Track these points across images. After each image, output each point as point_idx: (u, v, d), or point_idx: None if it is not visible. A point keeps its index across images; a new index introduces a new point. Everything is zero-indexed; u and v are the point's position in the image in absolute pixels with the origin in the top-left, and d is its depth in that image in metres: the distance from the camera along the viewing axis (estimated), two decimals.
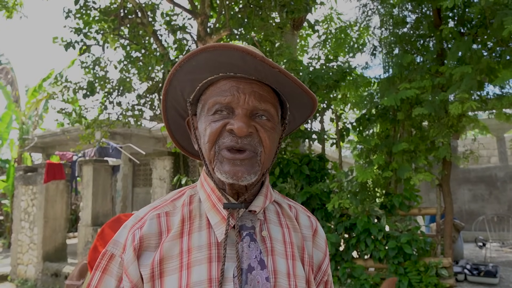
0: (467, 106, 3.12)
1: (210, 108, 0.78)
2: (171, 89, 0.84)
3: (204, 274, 0.74)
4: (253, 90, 0.77)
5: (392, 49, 4.50)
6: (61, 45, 5.13)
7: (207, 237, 0.78)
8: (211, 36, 4.14)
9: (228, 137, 0.76)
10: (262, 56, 0.73)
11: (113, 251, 0.78)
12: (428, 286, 3.78)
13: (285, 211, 0.89)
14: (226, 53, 0.74)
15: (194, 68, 0.79)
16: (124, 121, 5.78)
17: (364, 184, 4.17)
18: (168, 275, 0.75)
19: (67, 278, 7.78)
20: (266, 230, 0.82)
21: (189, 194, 0.85)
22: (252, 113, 0.77)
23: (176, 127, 0.92)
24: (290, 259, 0.82)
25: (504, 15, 2.95)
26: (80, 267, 2.62)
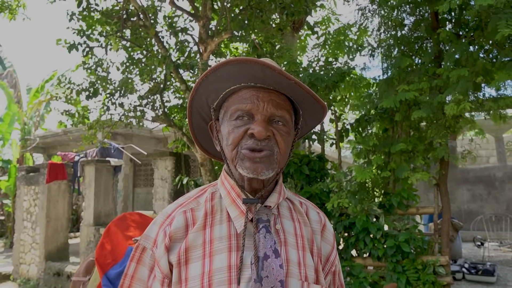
0: (462, 107, 3.20)
1: (233, 114, 0.89)
2: (196, 97, 0.97)
3: (225, 261, 0.85)
4: (271, 99, 0.88)
5: (390, 51, 4.58)
6: (64, 47, 5.21)
7: (227, 229, 0.89)
8: (213, 38, 4.23)
9: (249, 140, 0.87)
10: (280, 69, 0.84)
11: (145, 244, 0.91)
12: (425, 284, 3.85)
13: (297, 207, 1.00)
14: (248, 66, 0.85)
15: (218, 78, 0.90)
16: (126, 122, 5.85)
17: (363, 184, 4.25)
18: (193, 262, 0.86)
19: (69, 277, 7.87)
20: (279, 224, 0.93)
21: (210, 191, 0.96)
22: (269, 118, 0.88)
23: (199, 131, 1.04)
24: (300, 250, 0.92)
25: (498, 18, 3.02)
26: (86, 264, 2.69)
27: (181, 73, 4.96)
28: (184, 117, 5.66)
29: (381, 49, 4.81)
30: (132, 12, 5.10)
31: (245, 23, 5.07)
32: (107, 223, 7.78)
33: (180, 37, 5.17)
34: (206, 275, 0.83)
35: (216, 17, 4.93)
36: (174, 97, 6.37)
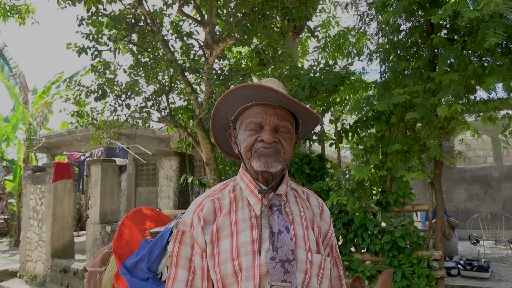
0: (453, 109, 3.40)
1: (247, 125, 1.17)
2: (218, 112, 1.25)
3: (248, 237, 1.11)
4: (276, 113, 1.16)
5: (387, 56, 4.78)
6: (74, 51, 5.42)
7: (248, 213, 1.16)
8: (218, 43, 4.44)
9: (260, 145, 1.14)
10: (282, 92, 1.11)
11: (184, 228, 1.17)
12: (420, 277, 4.06)
13: (300, 195, 1.27)
14: (258, 89, 1.13)
15: (235, 98, 1.18)
16: (132, 123, 6.06)
17: (361, 182, 4.45)
18: (223, 239, 1.12)
19: (75, 274, 8.07)
20: (288, 208, 1.20)
21: (232, 185, 1.23)
22: (275, 128, 1.15)
23: (220, 137, 1.33)
24: (305, 227, 1.19)
25: (487, 27, 3.23)
26: (102, 255, 2.90)
27: (186, 76, 5.17)
28: (189, 118, 5.87)
29: (378, 54, 5.01)
30: (138, 18, 5.31)
31: (248, 28, 5.28)
32: (113, 221, 8.01)
33: (186, 41, 5.36)
34: (234, 248, 1.09)
35: (221, 23, 5.14)
36: (179, 99, 6.58)
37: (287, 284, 1.06)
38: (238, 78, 4.63)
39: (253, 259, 1.09)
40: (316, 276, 1.15)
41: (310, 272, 1.13)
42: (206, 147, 4.94)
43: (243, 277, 1.07)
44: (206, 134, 4.92)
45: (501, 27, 3.22)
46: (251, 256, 1.09)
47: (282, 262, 1.08)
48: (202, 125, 4.89)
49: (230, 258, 1.09)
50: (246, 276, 1.07)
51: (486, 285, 6.01)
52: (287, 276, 1.07)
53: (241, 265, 1.08)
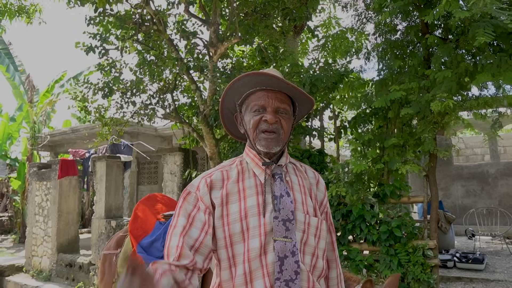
0: (445, 104, 3.60)
1: (252, 107, 1.37)
2: (226, 98, 1.46)
3: (254, 201, 1.31)
4: (277, 97, 1.36)
5: (384, 54, 4.98)
6: (82, 50, 5.62)
7: (254, 181, 1.36)
8: (223, 43, 4.64)
9: (264, 124, 1.34)
10: (281, 78, 1.32)
11: (190, 189, 1.35)
12: (415, 265, 4.26)
13: (298, 168, 1.47)
14: (261, 77, 1.33)
15: (241, 85, 1.39)
16: (138, 119, 6.25)
17: (359, 175, 4.65)
18: (232, 203, 1.31)
19: (81, 268, 8.26)
20: (288, 177, 1.40)
21: (239, 160, 1.44)
22: (276, 110, 1.36)
23: (227, 120, 1.54)
24: (303, 194, 1.39)
25: (477, 26, 3.42)
26: (117, 238, 3.09)
27: (191, 74, 5.36)
28: (193, 114, 6.06)
29: (376, 52, 5.21)
30: (143, 18, 5.51)
31: (251, 27, 5.47)
32: (118, 216, 8.19)
33: (190, 40, 5.55)
34: (243, 210, 1.29)
35: (224, 23, 5.34)
36: (182, 97, 6.77)
37: (288, 239, 1.25)
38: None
39: (259, 219, 1.27)
40: (313, 236, 1.34)
41: (308, 231, 1.33)
42: (210, 142, 5.14)
43: (250, 235, 1.26)
44: (210, 130, 5.12)
45: (490, 27, 3.41)
46: (257, 217, 1.28)
47: (283, 221, 1.27)
48: (206, 121, 5.08)
49: (239, 219, 1.27)
50: (253, 233, 1.26)
51: (481, 276, 6.21)
52: (288, 233, 1.26)
53: (248, 225, 1.27)
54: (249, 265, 1.24)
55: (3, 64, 12.36)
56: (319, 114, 5.43)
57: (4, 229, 15.58)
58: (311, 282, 1.29)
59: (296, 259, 1.25)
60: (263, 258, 1.25)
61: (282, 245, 1.25)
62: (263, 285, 1.23)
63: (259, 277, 1.24)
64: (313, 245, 1.34)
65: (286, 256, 1.24)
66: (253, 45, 5.91)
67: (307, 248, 1.32)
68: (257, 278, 1.24)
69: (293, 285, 1.23)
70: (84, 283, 7.95)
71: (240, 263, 1.25)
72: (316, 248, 1.35)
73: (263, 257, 1.25)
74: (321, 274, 1.37)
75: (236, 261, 1.26)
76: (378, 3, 4.25)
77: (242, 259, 1.25)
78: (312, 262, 1.33)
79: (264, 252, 1.25)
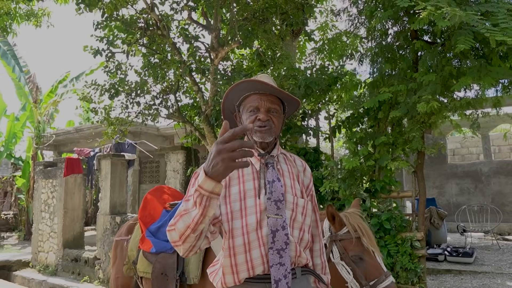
0: (430, 105, 3.89)
1: (248, 108, 1.69)
2: (226, 100, 1.78)
3: (251, 184, 1.61)
4: (268, 99, 1.68)
5: (376, 58, 5.27)
6: (90, 53, 5.92)
7: (251, 169, 1.66)
8: (223, 47, 4.94)
9: (258, 122, 1.65)
10: (271, 84, 1.64)
11: (199, 171, 1.63)
12: (403, 255, 4.56)
13: (288, 158, 1.78)
14: (254, 83, 1.66)
15: (239, 89, 1.71)
16: (142, 119, 6.55)
17: (352, 172, 4.94)
18: (233, 186, 1.62)
19: (86, 262, 8.55)
20: (279, 166, 1.70)
21: None
22: (268, 110, 1.67)
23: (228, 118, 1.85)
24: (291, 180, 1.69)
25: (459, 34, 3.72)
26: (128, 225, 3.40)
27: (193, 76, 5.66)
28: (195, 114, 6.37)
29: (368, 56, 5.51)
30: (148, 23, 5.81)
31: (250, 32, 5.78)
32: (122, 212, 8.49)
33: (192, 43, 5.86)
34: (242, 192, 1.60)
35: (225, 27, 5.64)
36: (185, 97, 7.07)
37: (279, 216, 1.55)
38: (240, 77, 5.12)
39: (255, 200, 1.57)
40: (301, 214, 1.65)
41: (296, 210, 1.63)
42: (211, 141, 5.44)
43: (247, 212, 1.56)
44: (211, 129, 5.42)
45: (471, 34, 3.71)
46: (253, 198, 1.58)
47: (275, 201, 1.57)
48: (208, 121, 5.38)
49: (239, 199, 1.58)
50: (250, 211, 1.57)
51: (469, 268, 6.52)
52: (279, 211, 1.56)
53: (246, 204, 1.57)
54: (247, 237, 1.55)
55: (9, 65, 12.67)
56: (315, 115, 5.73)
57: (9, 226, 15.87)
58: (298, 251, 1.60)
59: (286, 232, 1.55)
60: (259, 231, 1.56)
61: (274, 221, 1.54)
62: (259, 253, 1.54)
63: (256, 247, 1.55)
64: (300, 221, 1.64)
65: (277, 230, 1.54)
66: (253, 48, 6.21)
67: (295, 223, 1.62)
68: (254, 247, 1.55)
69: (284, 253, 1.53)
70: (89, 276, 8.25)
71: (239, 235, 1.55)
72: (303, 224, 1.65)
73: (259, 230, 1.56)
74: (307, 245, 1.67)
75: (235, 233, 1.56)
76: (370, 10, 4.54)
77: (241, 232, 1.55)
78: (300, 235, 1.63)
79: (260, 226, 1.56)
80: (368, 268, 2.11)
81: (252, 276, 1.54)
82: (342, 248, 2.18)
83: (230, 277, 1.55)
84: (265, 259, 1.53)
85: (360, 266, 2.12)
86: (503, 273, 6.23)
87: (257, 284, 1.54)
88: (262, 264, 1.53)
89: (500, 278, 6.07)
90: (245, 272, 1.54)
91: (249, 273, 1.54)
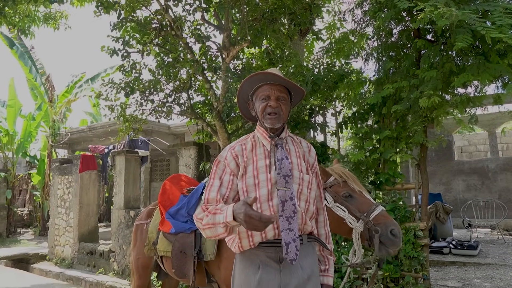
0: (432, 100, 4.10)
1: (260, 97, 1.95)
2: (241, 90, 2.04)
3: (263, 163, 1.87)
4: (278, 89, 1.94)
5: (381, 56, 5.49)
6: (107, 53, 6.21)
7: (263, 149, 1.92)
8: (234, 46, 5.20)
9: (269, 108, 1.91)
10: (281, 76, 1.89)
11: (220, 159, 1.94)
12: (407, 244, 4.77)
13: (295, 140, 2.03)
14: (266, 75, 1.91)
15: (252, 80, 1.97)
16: (156, 116, 6.82)
17: (357, 165, 5.17)
18: (248, 165, 1.88)
19: (101, 255, 8.85)
20: (287, 146, 1.95)
21: (252, 135, 2.01)
22: (277, 98, 1.93)
23: (241, 106, 2.11)
24: (298, 158, 1.94)
25: (458, 32, 3.92)
26: (147, 210, 3.67)
27: (205, 74, 5.93)
28: (207, 111, 6.63)
29: (374, 54, 5.72)
30: (162, 23, 6.08)
31: (259, 31, 6.03)
32: (136, 207, 8.79)
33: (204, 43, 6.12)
34: (255, 169, 1.86)
35: (236, 28, 5.90)
36: (196, 95, 7.34)
37: (287, 189, 1.81)
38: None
39: (266, 175, 1.84)
40: (306, 188, 1.90)
41: (302, 184, 1.89)
42: (223, 136, 5.69)
43: (260, 186, 1.83)
44: (223, 124, 5.67)
45: (469, 32, 3.91)
46: (265, 174, 1.85)
47: (284, 176, 1.82)
48: (219, 117, 5.64)
49: (252, 175, 1.85)
50: (262, 185, 1.83)
51: (473, 260, 6.69)
52: (287, 184, 1.82)
53: (259, 179, 1.84)
54: (260, 206, 1.81)
55: (26, 65, 13.09)
56: (322, 111, 5.96)
57: (24, 223, 16.32)
58: (304, 220, 1.84)
59: (293, 203, 1.80)
60: (270, 201, 1.82)
61: (283, 193, 1.80)
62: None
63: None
64: (306, 194, 1.89)
65: (286, 200, 1.79)
66: (262, 47, 6.46)
67: (302, 196, 1.88)
68: None
69: (292, 221, 1.78)
70: (104, 268, 8.56)
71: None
72: (308, 196, 1.91)
73: (270, 201, 1.82)
74: (312, 216, 1.92)
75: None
76: (373, 11, 4.76)
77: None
78: (305, 206, 1.88)
79: (271, 197, 1.82)
80: (359, 203, 2.41)
81: (265, 241, 1.79)
82: (333, 192, 2.47)
83: (245, 241, 1.81)
84: (275, 225, 1.78)
85: (352, 202, 2.42)
86: (507, 264, 6.40)
87: (269, 248, 1.79)
88: (273, 229, 1.79)
89: (504, 269, 6.24)
90: (259, 236, 1.79)
91: (262, 237, 1.79)
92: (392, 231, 2.25)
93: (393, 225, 2.27)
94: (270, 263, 1.79)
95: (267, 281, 1.76)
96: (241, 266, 1.86)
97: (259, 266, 1.79)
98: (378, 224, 2.28)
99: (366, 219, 2.32)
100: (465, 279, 5.83)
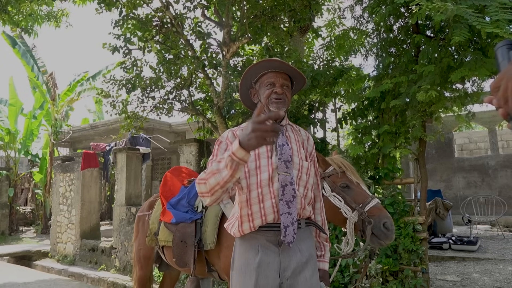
0: (429, 94, 4.15)
1: (265, 84, 1.99)
2: (245, 77, 2.07)
3: (264, 148, 1.91)
4: (282, 76, 1.99)
5: (381, 52, 5.53)
6: (108, 50, 6.27)
7: None
8: (235, 42, 5.25)
9: (274, 95, 1.94)
10: (286, 63, 1.95)
11: (221, 139, 1.98)
12: (406, 237, 4.81)
13: (294, 128, 2.08)
14: (271, 62, 1.96)
15: (257, 68, 2.01)
16: (157, 113, 6.88)
17: (357, 160, 5.22)
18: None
19: (103, 252, 8.91)
20: (288, 133, 2.00)
21: None
22: (282, 85, 1.98)
23: (243, 94, 2.16)
24: (297, 145, 1.99)
25: (455, 27, 3.96)
26: (149, 202, 3.73)
27: (206, 71, 5.98)
28: (207, 108, 6.68)
29: (374, 50, 5.77)
30: (162, 20, 6.13)
31: (259, 28, 6.08)
32: (137, 203, 8.85)
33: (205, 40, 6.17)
34: (256, 154, 1.90)
35: (236, 24, 5.95)
36: (197, 92, 7.39)
37: (287, 174, 1.86)
38: None
39: (268, 160, 1.89)
40: (305, 174, 1.95)
41: (301, 170, 1.93)
42: (223, 131, 5.74)
43: (261, 170, 1.88)
44: (223, 120, 5.72)
45: (466, 27, 3.95)
46: (266, 159, 1.89)
47: (284, 162, 1.88)
48: (220, 113, 5.69)
49: (254, 160, 1.89)
50: (264, 169, 1.88)
51: (473, 255, 6.74)
52: (287, 170, 1.87)
53: (260, 164, 1.89)
54: (261, 190, 1.86)
55: (29, 64, 13.16)
56: (322, 107, 6.00)
57: (26, 221, 16.40)
58: (303, 204, 1.90)
59: (293, 187, 1.86)
60: (270, 186, 1.86)
61: (283, 177, 1.85)
62: (271, 203, 1.85)
63: (268, 199, 1.86)
64: (305, 180, 1.94)
65: (286, 184, 1.85)
66: (262, 44, 6.51)
67: (301, 182, 1.93)
68: (267, 199, 1.86)
69: (291, 205, 1.83)
70: (106, 265, 8.62)
71: (254, 189, 1.86)
72: (307, 182, 1.96)
73: (271, 185, 1.86)
74: (310, 201, 1.98)
75: (251, 188, 1.87)
76: (372, 7, 4.81)
77: (256, 186, 1.87)
78: (304, 192, 1.93)
79: (272, 182, 1.87)
80: (356, 194, 2.45)
81: (265, 224, 1.84)
82: (331, 182, 2.52)
83: (246, 224, 1.86)
84: (275, 208, 1.84)
85: (349, 193, 2.46)
86: (505, 259, 6.44)
87: (269, 231, 1.84)
88: (273, 212, 1.84)
89: (503, 264, 6.28)
90: (259, 219, 1.84)
91: (262, 220, 1.84)
92: (385, 224, 2.30)
93: (386, 218, 2.32)
94: (269, 246, 1.84)
95: (267, 263, 1.81)
96: (241, 249, 1.91)
97: (258, 249, 1.84)
98: (372, 216, 2.33)
99: (361, 210, 2.37)
100: (464, 274, 5.88)
